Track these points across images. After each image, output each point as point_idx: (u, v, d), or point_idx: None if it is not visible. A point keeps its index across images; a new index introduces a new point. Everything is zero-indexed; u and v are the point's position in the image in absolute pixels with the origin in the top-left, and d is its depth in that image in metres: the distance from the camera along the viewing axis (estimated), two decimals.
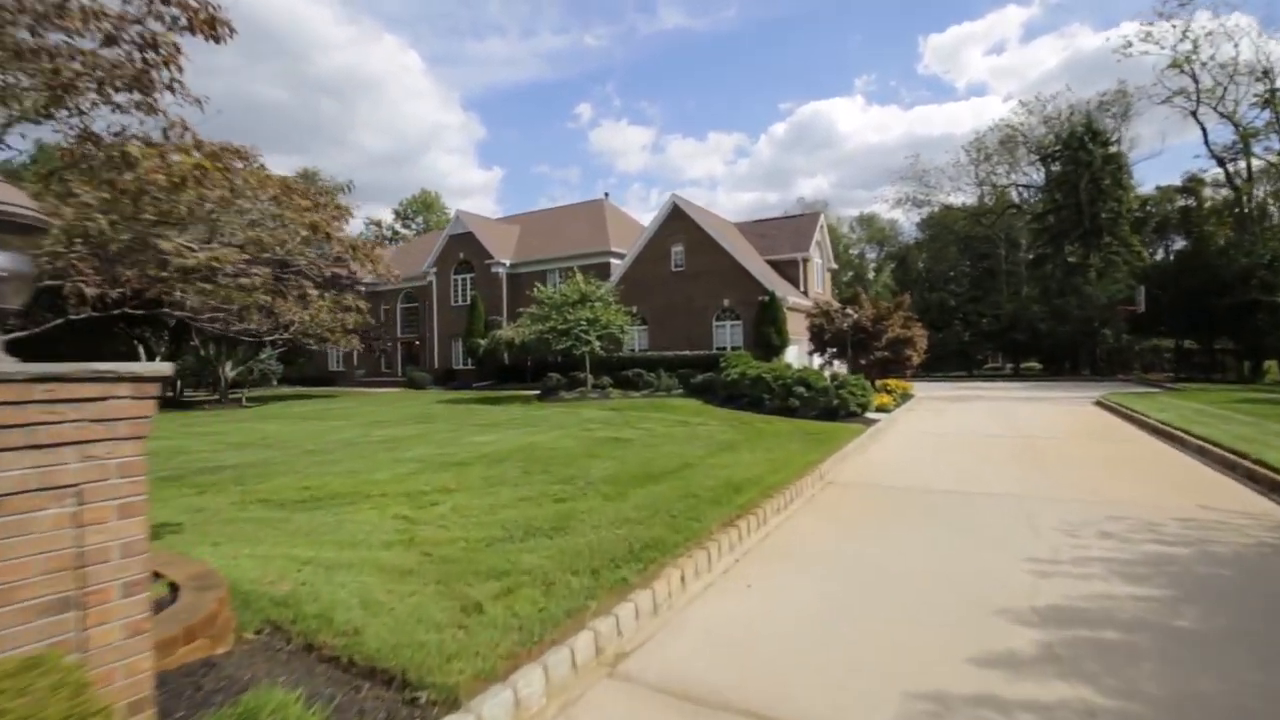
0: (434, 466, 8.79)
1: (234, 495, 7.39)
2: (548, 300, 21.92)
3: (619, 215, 39.09)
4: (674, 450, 9.82)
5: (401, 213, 78.26)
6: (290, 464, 9.47)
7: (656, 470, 8.18)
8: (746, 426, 12.79)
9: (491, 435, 12.15)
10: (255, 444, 12.16)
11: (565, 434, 12.00)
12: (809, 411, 14.76)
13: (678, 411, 15.97)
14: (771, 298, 24.92)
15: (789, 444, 10.52)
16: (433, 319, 37.59)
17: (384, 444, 11.43)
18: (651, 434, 11.88)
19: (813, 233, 31.32)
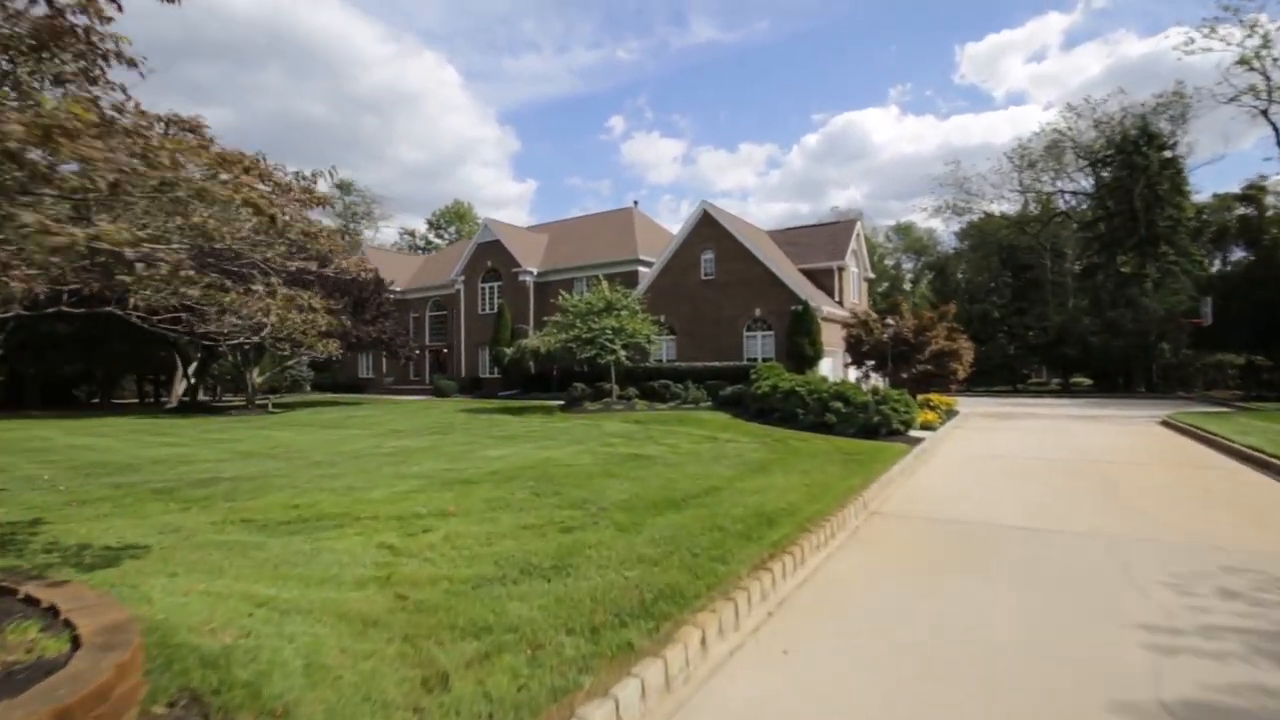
0: (437, 484, 8.08)
1: (218, 513, 6.77)
2: (572, 308, 21.28)
3: (648, 224, 38.45)
4: (699, 471, 8.96)
5: (434, 223, 78.97)
6: (290, 478, 8.88)
7: (679, 495, 7.33)
8: (779, 444, 11.84)
9: (506, 449, 11.44)
10: (263, 454, 11.66)
11: (583, 449, 11.22)
12: (847, 429, 13.73)
13: (705, 426, 15.08)
14: (805, 307, 23.88)
15: (827, 466, 9.56)
16: (460, 327, 37.36)
17: (392, 457, 10.80)
18: (675, 451, 11.03)
19: (848, 240, 30.16)
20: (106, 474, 9.64)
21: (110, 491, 8.13)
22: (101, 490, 8.24)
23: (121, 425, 19.69)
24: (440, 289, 39.54)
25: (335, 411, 23.43)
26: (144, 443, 14.28)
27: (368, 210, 64.08)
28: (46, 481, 9.06)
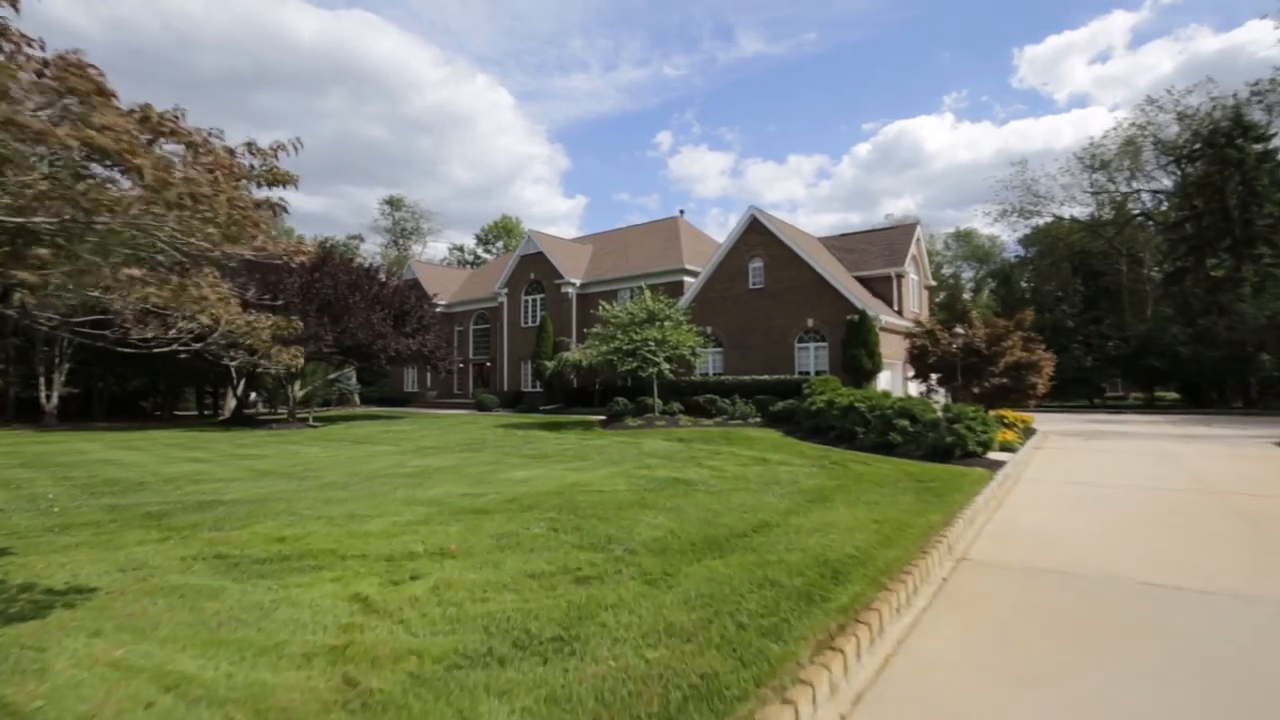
0: (447, 514, 7.12)
1: (195, 545, 5.96)
2: (613, 319, 20.34)
3: (693, 233, 37.38)
4: (748, 501, 7.74)
5: (483, 237, 79.89)
6: (292, 502, 8.08)
7: (722, 533, 6.15)
8: (839, 469, 10.49)
9: (532, 470, 10.46)
10: (280, 472, 11.01)
11: (617, 472, 10.13)
12: (914, 450, 12.24)
13: (754, 445, 13.80)
14: (862, 316, 22.29)
15: (897, 496, 8.19)
16: (503, 340, 36.97)
17: (410, 478, 9.94)
18: (721, 475, 9.82)
19: (908, 246, 28.34)
20: (112, 494, 9.08)
21: (101, 516, 7.48)
22: (94, 514, 7.61)
23: (162, 439, 19.69)
24: (484, 302, 39.33)
25: (373, 426, 23.06)
26: (171, 458, 13.93)
27: (416, 226, 65.09)
28: (49, 502, 8.54)
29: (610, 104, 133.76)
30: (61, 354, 34.46)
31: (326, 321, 23.17)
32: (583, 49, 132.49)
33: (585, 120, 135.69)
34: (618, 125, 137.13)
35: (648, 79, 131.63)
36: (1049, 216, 44.53)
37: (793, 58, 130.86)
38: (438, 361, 27.60)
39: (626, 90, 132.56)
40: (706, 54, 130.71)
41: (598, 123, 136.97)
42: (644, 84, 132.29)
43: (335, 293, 23.64)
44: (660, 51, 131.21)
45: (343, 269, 25.02)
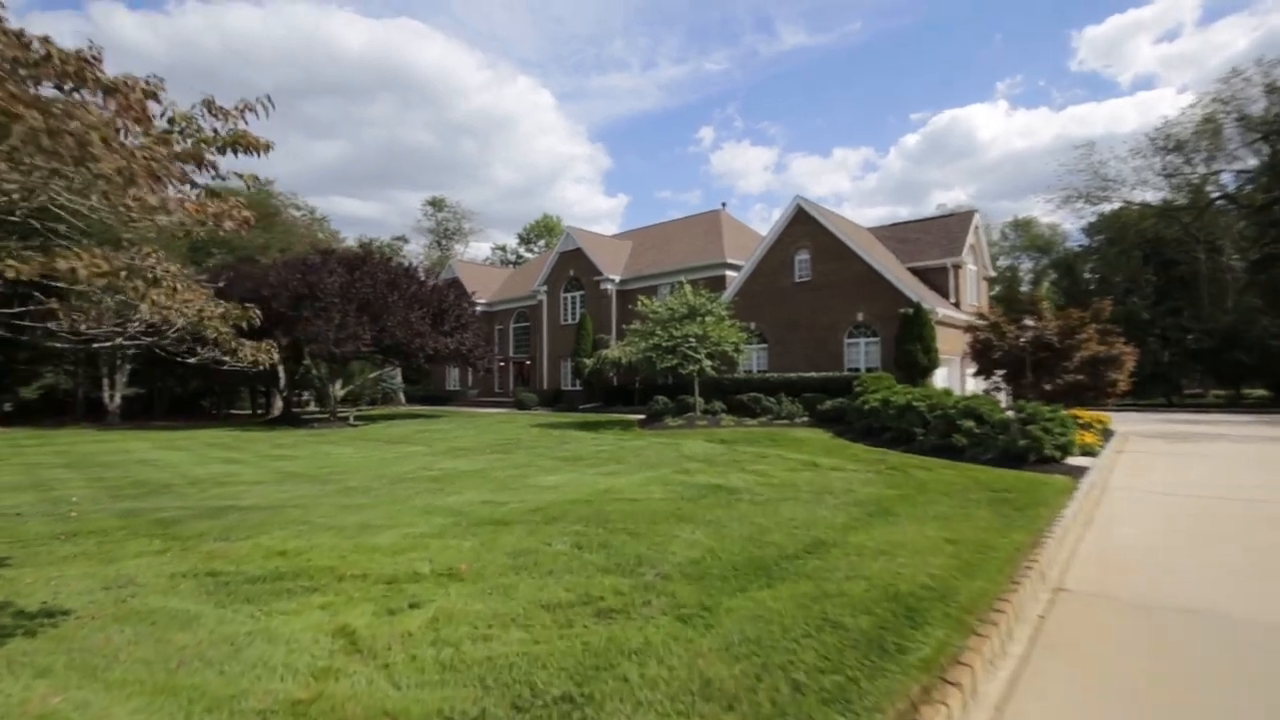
0: (464, 525, 6.50)
1: (191, 560, 5.49)
2: (653, 315, 19.60)
3: (736, 226, 36.31)
4: (799, 514, 6.89)
5: (525, 237, 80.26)
6: (309, 509, 7.62)
7: (770, 553, 5.35)
8: (899, 475, 9.50)
9: (563, 475, 9.81)
10: (305, 475, 10.66)
11: (653, 477, 9.39)
12: (981, 454, 11.12)
13: (803, 447, 12.87)
14: (917, 309, 20.97)
15: (971, 509, 7.21)
16: (542, 338, 36.67)
17: (434, 482, 9.40)
18: (766, 482, 8.97)
19: (965, 235, 26.69)
20: (134, 497, 8.83)
21: (114, 522, 7.15)
22: (107, 520, 7.28)
23: (207, 438, 19.89)
24: (524, 300, 39.13)
25: (410, 425, 22.91)
26: (207, 458, 13.85)
27: (458, 226, 65.67)
28: (70, 505, 8.31)
29: (651, 101, 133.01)
30: (122, 356, 35.73)
31: (365, 321, 23.13)
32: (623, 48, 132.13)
33: (626, 119, 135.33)
34: (659, 122, 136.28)
35: (688, 75, 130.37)
36: (1119, 202, 41.66)
37: (837, 48, 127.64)
38: (476, 360, 27.38)
39: (667, 87, 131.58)
40: (747, 48, 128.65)
41: (638, 121, 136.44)
42: (684, 80, 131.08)
43: (374, 292, 23.58)
44: (700, 48, 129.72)
45: (381, 268, 24.99)
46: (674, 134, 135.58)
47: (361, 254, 25.53)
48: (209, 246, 37.02)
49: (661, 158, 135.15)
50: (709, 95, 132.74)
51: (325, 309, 22.75)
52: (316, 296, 22.72)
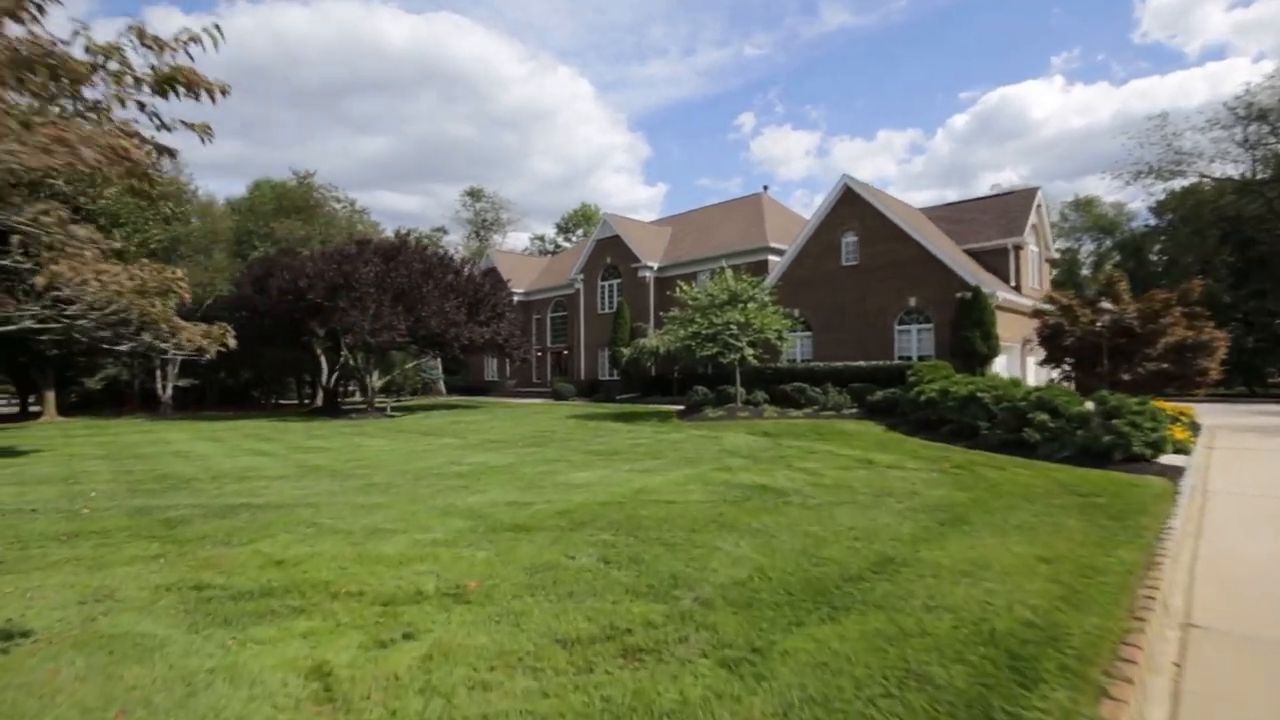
0: (481, 531, 5.87)
1: (181, 570, 4.99)
2: (692, 301, 18.76)
3: (779, 210, 35.02)
4: (858, 521, 6.05)
5: (563, 226, 79.99)
6: (322, 509, 7.12)
7: (830, 572, 4.55)
8: (966, 475, 8.52)
9: (596, 472, 9.13)
10: (330, 470, 10.26)
11: (693, 475, 8.63)
12: (1057, 451, 10.01)
13: (854, 441, 11.93)
14: (975, 294, 19.59)
15: (1058, 517, 6.24)
16: (579, 328, 36.15)
17: (459, 479, 8.84)
18: (818, 481, 8.12)
19: (1027, 214, 24.96)
20: (151, 493, 8.52)
21: (120, 521, 6.78)
22: (115, 519, 6.92)
23: (247, 429, 19.97)
24: (561, 289, 38.67)
25: (446, 416, 22.65)
26: (238, 450, 13.68)
27: (496, 217, 65.66)
28: (86, 501, 8.03)
29: (690, 88, 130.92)
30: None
31: (400, 310, 22.93)
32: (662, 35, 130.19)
33: (665, 107, 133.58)
34: (698, 110, 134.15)
35: (728, 60, 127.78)
36: (1194, 176, 38.66)
37: (881, 28, 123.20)
38: (512, 350, 27.01)
39: (706, 73, 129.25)
40: (788, 30, 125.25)
41: (678, 108, 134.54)
42: (724, 65, 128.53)
43: (409, 281, 23.36)
44: (740, 31, 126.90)
45: (417, 257, 24.76)
46: (714, 120, 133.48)
47: (397, 243, 25.34)
48: (252, 239, 37.67)
49: (701, 145, 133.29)
50: (749, 80, 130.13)
51: (360, 299, 22.62)
52: (352, 286, 22.60)
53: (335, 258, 23.88)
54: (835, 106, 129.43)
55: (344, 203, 45.72)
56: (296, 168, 50.50)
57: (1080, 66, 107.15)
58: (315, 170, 43.66)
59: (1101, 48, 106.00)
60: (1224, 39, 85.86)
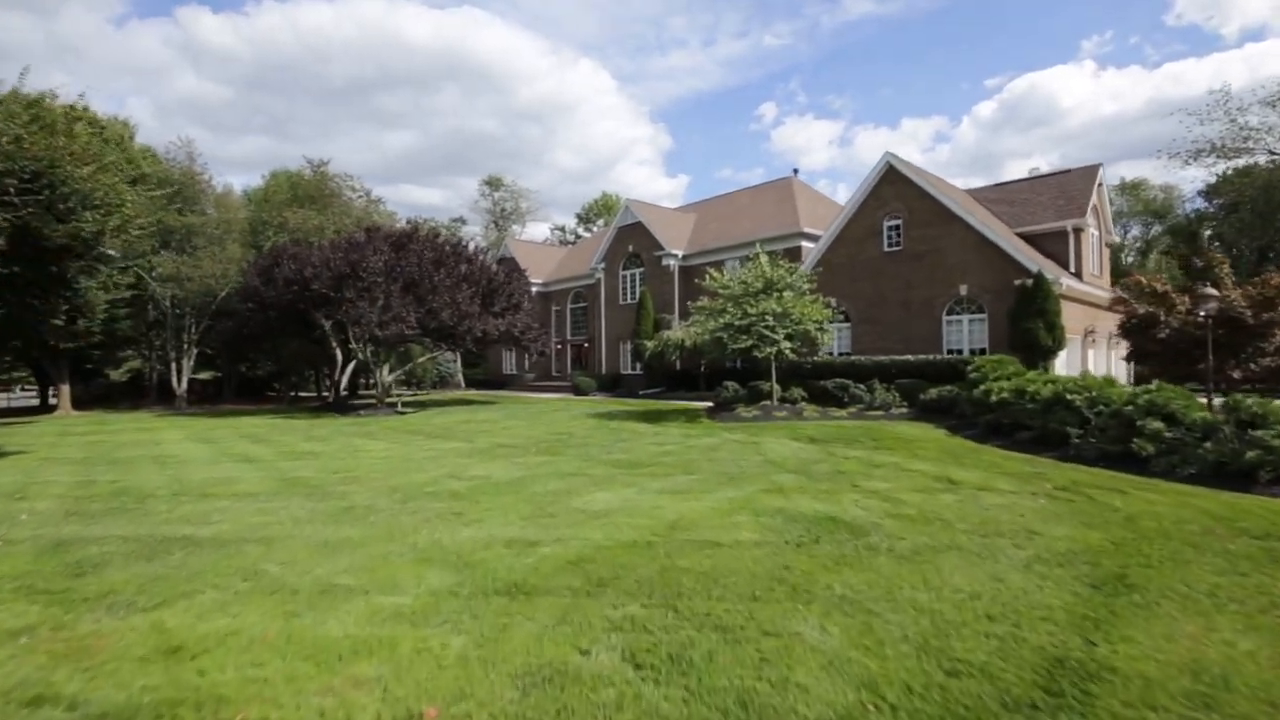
0: (466, 593, 4.34)
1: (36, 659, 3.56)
2: (723, 290, 17.09)
3: (810, 194, 33.07)
4: (979, 585, 4.39)
5: (583, 216, 78.42)
6: (273, 548, 5.66)
7: (980, 695, 2.94)
8: (1084, 501, 6.80)
9: (618, 492, 7.57)
10: (310, 484, 8.84)
11: (738, 501, 7.02)
12: (1179, 467, 8.22)
13: (919, 450, 10.22)
14: (1038, 280, 17.64)
15: (1256, 575, 4.53)
16: (600, 319, 34.62)
17: (455, 501, 7.33)
18: (898, 511, 6.46)
19: (1088, 193, 22.78)
20: (91, 518, 7.16)
21: (23, 564, 5.40)
22: (16, 560, 5.54)
23: (247, 426, 18.80)
24: (581, 279, 37.16)
25: (459, 414, 21.27)
26: (226, 453, 12.40)
27: (515, 206, 64.23)
28: (11, 527, 6.70)
29: (711, 79, 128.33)
30: (189, 340, 35.97)
31: (410, 302, 21.58)
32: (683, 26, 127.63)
33: (686, 98, 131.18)
34: (719, 100, 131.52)
35: (748, 50, 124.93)
36: (1264, 154, 35.70)
37: (905, 15, 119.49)
38: (529, 343, 25.56)
39: (727, 64, 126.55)
40: (810, 19, 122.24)
41: (699, 100, 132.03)
42: (745, 56, 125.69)
43: (419, 270, 21.98)
44: (761, 21, 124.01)
45: (428, 245, 23.36)
46: (735, 111, 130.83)
47: (408, 231, 23.99)
48: (266, 230, 36.68)
49: (723, 136, 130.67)
50: (771, 71, 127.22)
51: (368, 289, 21.31)
52: (359, 276, 21.30)
53: (342, 246, 22.60)
54: (858, 95, 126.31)
55: (360, 192, 44.60)
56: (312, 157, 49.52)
57: (1112, 50, 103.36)
58: (330, 159, 42.44)
59: (1135, 30, 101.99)
60: (1263, 20, 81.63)
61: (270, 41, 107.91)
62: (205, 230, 35.48)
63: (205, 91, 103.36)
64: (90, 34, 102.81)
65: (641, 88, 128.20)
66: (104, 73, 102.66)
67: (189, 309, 34.54)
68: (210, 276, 32.39)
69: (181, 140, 37.34)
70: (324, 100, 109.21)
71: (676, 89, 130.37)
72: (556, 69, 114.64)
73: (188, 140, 36.50)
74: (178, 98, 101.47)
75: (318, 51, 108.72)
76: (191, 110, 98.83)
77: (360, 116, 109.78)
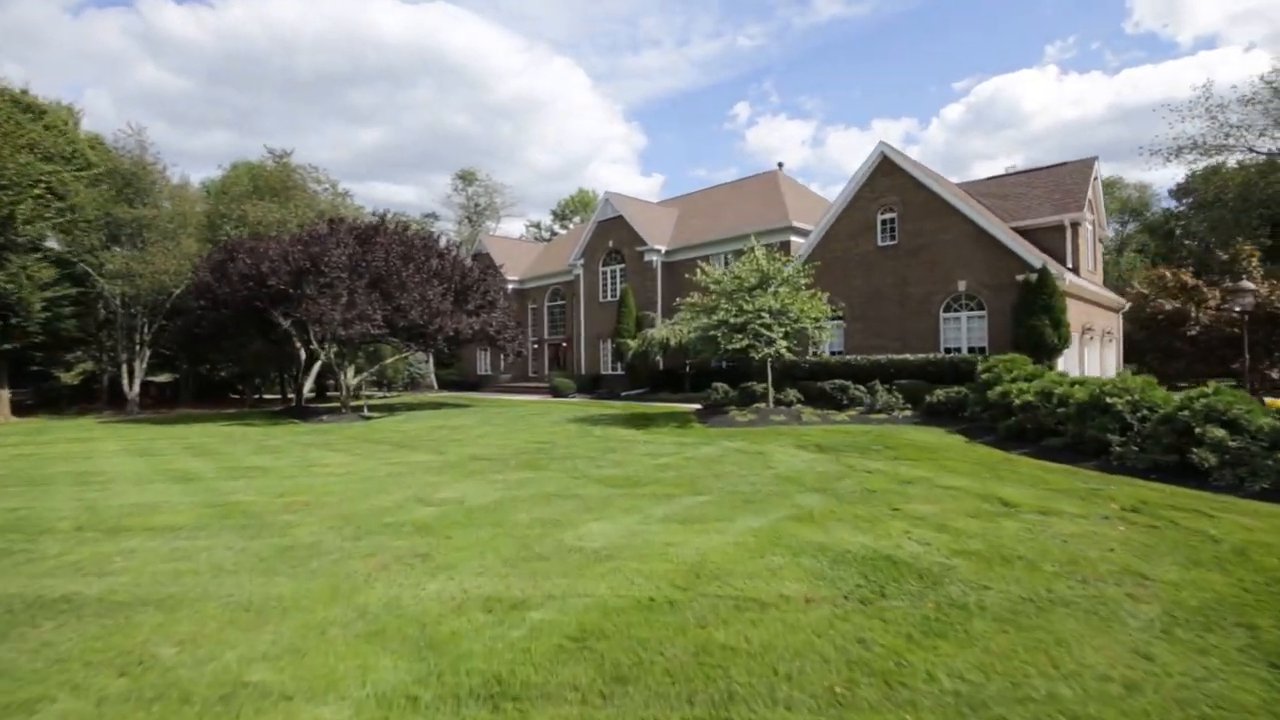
0: (433, 703, 3.08)
1: None
2: (716, 285, 15.96)
3: (796, 189, 32.14)
4: (1134, 669, 3.25)
5: (559, 213, 76.83)
6: (177, 613, 4.33)
7: None
8: (1173, 529, 5.77)
9: (618, 522, 6.33)
10: (245, 513, 7.44)
11: (765, 533, 5.83)
12: (1248, 481, 7.29)
13: (943, 461, 9.18)
14: (1042, 275, 16.87)
15: None
16: (579, 317, 33.29)
17: (417, 537, 6.02)
18: (963, 547, 5.35)
19: (1084, 187, 22.15)
20: None
21: None
22: None
23: (195, 436, 17.14)
24: (559, 276, 35.79)
25: (430, 419, 19.81)
26: (161, 470, 10.88)
27: (490, 201, 62.39)
28: None
29: (685, 79, 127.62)
30: (142, 341, 33.75)
31: (376, 298, 20.05)
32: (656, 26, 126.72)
33: (661, 97, 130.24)
34: (693, 100, 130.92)
35: (721, 51, 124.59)
36: (1242, 151, 35.75)
37: (874, 18, 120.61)
38: (505, 342, 24.15)
39: (700, 64, 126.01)
40: (781, 21, 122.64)
41: (673, 98, 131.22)
42: (718, 56, 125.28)
43: (386, 265, 20.45)
44: (733, 23, 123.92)
45: (396, 239, 21.82)
46: (709, 111, 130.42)
47: (374, 223, 22.41)
48: (224, 224, 34.59)
49: (697, 135, 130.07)
50: (743, 72, 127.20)
51: (331, 285, 19.73)
52: (321, 271, 19.71)
53: (303, 239, 20.95)
54: (830, 96, 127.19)
55: (325, 185, 42.57)
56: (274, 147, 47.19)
57: (1075, 56, 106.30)
58: (293, 149, 40.37)
59: (1095, 36, 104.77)
60: (1216, 29, 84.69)
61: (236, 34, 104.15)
62: (158, 224, 33.27)
63: (166, 83, 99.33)
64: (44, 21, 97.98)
65: (615, 86, 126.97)
66: (60, 62, 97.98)
67: (141, 308, 32.39)
68: (163, 273, 30.32)
69: (132, 128, 34.89)
70: (292, 94, 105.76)
71: (651, 88, 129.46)
72: (530, 66, 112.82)
73: (139, 128, 34.02)
74: (139, 89, 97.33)
75: (287, 44, 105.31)
76: (152, 102, 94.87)
77: (330, 112, 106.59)
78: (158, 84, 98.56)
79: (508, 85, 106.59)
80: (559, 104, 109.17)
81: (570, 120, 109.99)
